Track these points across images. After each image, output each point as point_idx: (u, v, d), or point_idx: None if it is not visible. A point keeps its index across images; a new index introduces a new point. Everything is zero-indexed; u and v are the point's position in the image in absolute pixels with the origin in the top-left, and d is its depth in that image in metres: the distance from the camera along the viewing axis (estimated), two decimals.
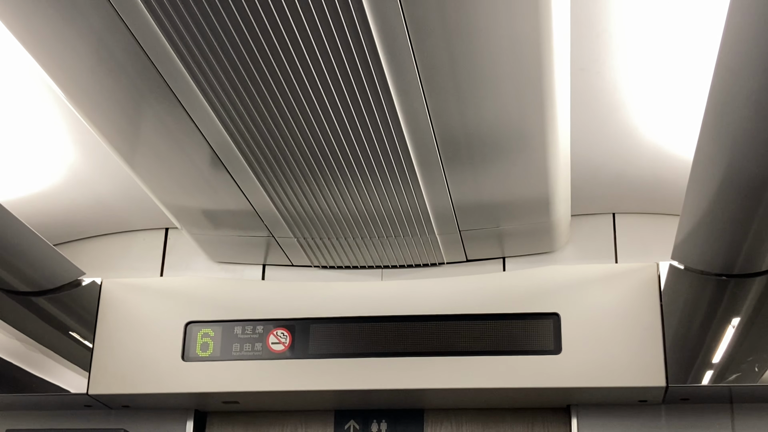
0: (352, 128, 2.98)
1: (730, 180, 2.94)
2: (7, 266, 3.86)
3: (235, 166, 3.30)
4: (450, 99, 2.84)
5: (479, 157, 3.23)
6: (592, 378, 3.68)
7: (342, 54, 2.59)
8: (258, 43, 2.55)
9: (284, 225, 3.79)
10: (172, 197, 3.67)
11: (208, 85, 2.77)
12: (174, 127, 3.07)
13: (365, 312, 3.91)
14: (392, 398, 3.99)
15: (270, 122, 2.95)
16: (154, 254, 4.40)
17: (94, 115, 3.07)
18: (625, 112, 3.33)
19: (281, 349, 3.91)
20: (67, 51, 2.70)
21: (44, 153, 3.65)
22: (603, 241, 4.13)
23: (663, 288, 3.74)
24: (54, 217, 4.17)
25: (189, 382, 3.90)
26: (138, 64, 2.71)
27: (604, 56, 3.03)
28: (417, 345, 3.83)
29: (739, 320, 3.62)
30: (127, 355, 3.96)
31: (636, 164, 3.70)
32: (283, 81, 2.72)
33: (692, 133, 2.89)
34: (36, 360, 4.02)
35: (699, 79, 2.88)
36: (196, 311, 4.00)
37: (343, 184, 3.38)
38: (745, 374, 3.55)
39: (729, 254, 3.49)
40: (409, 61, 2.63)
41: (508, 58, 2.65)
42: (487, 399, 3.97)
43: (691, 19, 2.79)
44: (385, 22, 2.46)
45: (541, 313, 3.80)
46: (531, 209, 3.70)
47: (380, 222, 3.71)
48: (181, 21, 2.48)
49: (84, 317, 4.05)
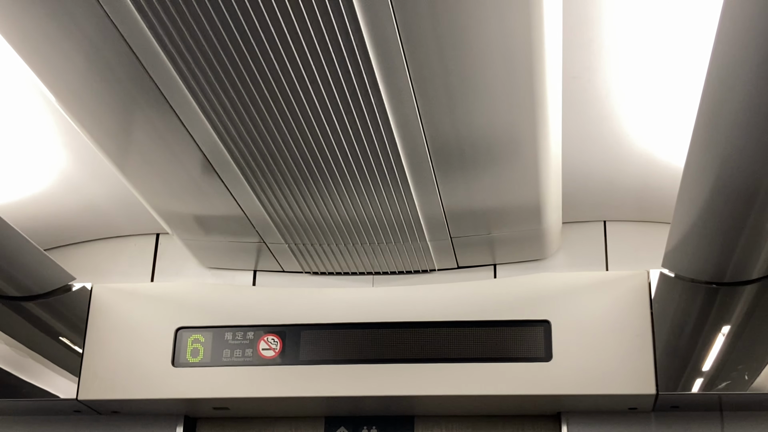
0: (344, 134, 2.98)
1: (720, 188, 2.95)
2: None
3: (226, 171, 3.30)
4: (442, 106, 2.85)
5: (471, 164, 3.24)
6: (582, 385, 3.69)
7: (334, 60, 2.59)
8: (250, 49, 2.55)
9: (275, 231, 3.79)
10: (163, 202, 3.67)
11: (200, 91, 2.77)
12: (165, 132, 3.07)
13: (356, 318, 3.91)
14: (383, 405, 3.98)
15: (262, 128, 2.95)
16: (145, 259, 4.39)
17: (86, 120, 3.06)
18: (617, 119, 3.34)
19: (272, 355, 3.90)
20: (58, 55, 2.70)
21: (35, 157, 3.64)
22: (594, 248, 4.14)
23: (653, 296, 3.75)
24: (44, 222, 4.16)
25: (179, 388, 3.89)
26: (130, 69, 2.71)
27: (595, 64, 3.04)
28: (408, 351, 3.83)
29: (729, 328, 3.63)
30: (117, 360, 3.95)
31: (627, 172, 3.70)
32: (275, 86, 2.72)
33: (683, 141, 2.90)
34: (25, 365, 4.01)
35: (690, 88, 2.89)
36: (187, 317, 4.00)
37: (334, 190, 3.38)
38: (735, 382, 3.55)
39: (719, 262, 3.50)
40: (401, 68, 2.63)
41: (499, 65, 2.65)
42: (477, 406, 3.97)
43: (682, 28, 2.80)
44: (378, 28, 2.46)
45: (532, 320, 3.81)
46: (522, 216, 3.70)
47: (371, 228, 3.71)
48: (174, 26, 2.48)
49: (74, 322, 4.04)
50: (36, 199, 3.95)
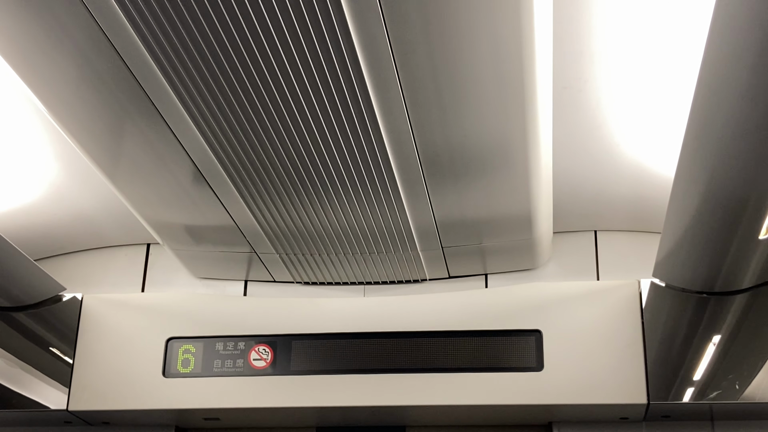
0: (335, 144, 2.98)
1: (710, 198, 2.96)
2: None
3: (217, 181, 3.30)
4: (433, 116, 2.85)
5: (462, 174, 3.24)
6: (573, 395, 3.69)
7: (325, 70, 2.60)
8: (241, 59, 2.55)
9: (266, 241, 3.79)
10: (154, 212, 3.66)
11: (191, 101, 2.77)
12: (156, 142, 3.06)
13: (347, 328, 3.91)
14: (374, 415, 3.98)
15: (253, 138, 2.95)
16: (136, 270, 4.38)
17: (77, 130, 3.06)
18: (607, 129, 3.35)
19: (263, 365, 3.90)
20: (50, 66, 2.69)
21: (25, 168, 3.63)
22: (585, 258, 4.14)
23: (644, 305, 3.75)
24: (35, 232, 4.15)
25: (170, 399, 3.88)
26: (121, 80, 2.71)
27: (587, 75, 3.04)
28: (399, 362, 3.83)
29: (719, 338, 3.64)
30: (108, 371, 3.94)
31: (618, 182, 3.71)
32: (266, 96, 2.72)
33: (673, 151, 2.91)
34: (15, 376, 3.99)
35: (680, 98, 2.90)
36: (178, 327, 3.99)
37: (325, 200, 3.38)
38: (725, 391, 3.56)
39: (710, 272, 3.51)
40: (393, 79, 2.63)
41: (491, 76, 2.66)
42: (469, 416, 3.96)
43: (672, 40, 2.81)
44: (369, 39, 2.47)
45: (523, 330, 3.81)
46: (513, 226, 3.70)
47: (363, 238, 3.71)
48: (165, 38, 2.48)
49: (64, 333, 4.03)
50: (26, 210, 3.94)
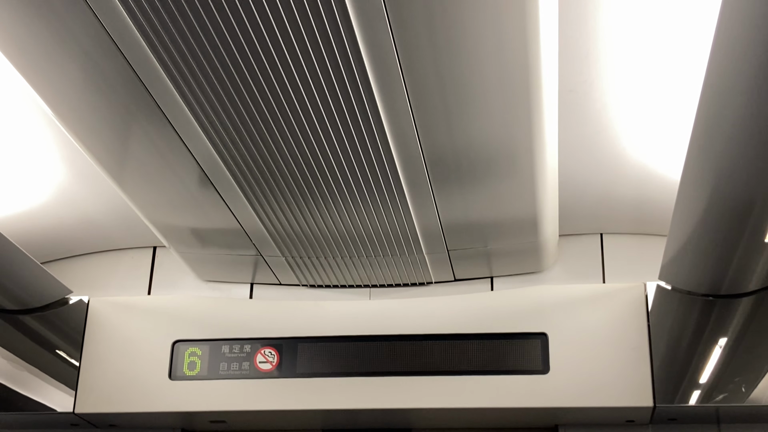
0: (341, 148, 2.99)
1: (716, 201, 2.96)
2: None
3: (223, 184, 3.30)
4: (439, 119, 2.85)
5: (468, 177, 3.24)
6: (579, 398, 3.68)
7: (331, 74, 2.60)
8: (247, 63, 2.55)
9: (272, 244, 3.79)
10: (160, 216, 3.67)
11: (198, 105, 2.77)
12: (163, 145, 3.07)
13: (353, 331, 3.91)
14: (380, 418, 3.98)
15: (259, 141, 2.96)
16: (142, 273, 4.39)
17: (83, 134, 3.07)
18: (613, 132, 3.34)
19: (269, 368, 3.90)
20: (56, 70, 2.70)
21: (32, 171, 3.64)
22: (590, 261, 4.14)
23: (650, 308, 3.75)
24: (41, 235, 4.16)
25: (176, 402, 3.88)
26: (128, 84, 2.71)
27: (592, 77, 3.04)
28: (405, 364, 3.82)
29: (726, 340, 3.63)
30: (114, 373, 3.94)
31: (624, 185, 3.71)
32: (272, 100, 2.72)
33: (679, 154, 2.91)
34: (22, 378, 4.00)
35: (686, 101, 2.89)
36: (184, 330, 3.99)
37: (331, 203, 3.38)
38: (732, 394, 3.55)
39: (716, 275, 3.51)
40: (398, 82, 2.64)
41: (496, 79, 2.66)
42: (474, 419, 3.96)
43: (678, 42, 2.81)
44: (375, 42, 2.47)
45: (529, 333, 3.81)
46: (519, 229, 3.70)
47: (368, 241, 3.71)
48: (171, 41, 2.48)
49: (71, 336, 4.03)
50: (33, 213, 3.95)
